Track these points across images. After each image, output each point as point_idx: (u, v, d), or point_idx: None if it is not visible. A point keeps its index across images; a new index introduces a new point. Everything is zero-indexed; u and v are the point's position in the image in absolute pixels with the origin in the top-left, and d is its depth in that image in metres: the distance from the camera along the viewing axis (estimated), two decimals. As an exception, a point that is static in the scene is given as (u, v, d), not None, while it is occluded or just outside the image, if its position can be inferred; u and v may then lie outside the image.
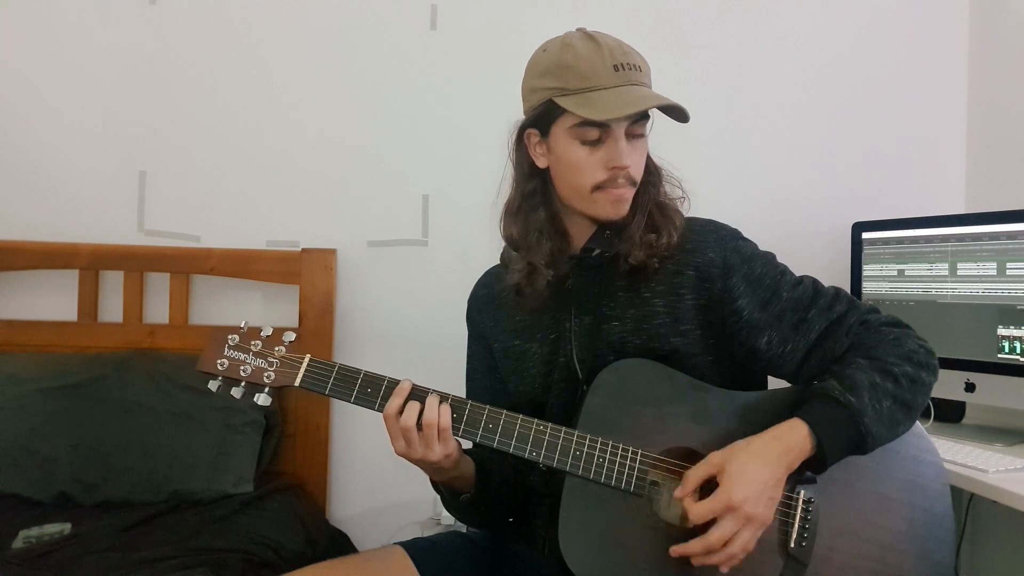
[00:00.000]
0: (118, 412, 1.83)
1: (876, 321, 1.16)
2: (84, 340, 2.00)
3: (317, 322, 2.02)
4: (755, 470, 1.03)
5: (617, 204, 1.17)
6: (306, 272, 2.03)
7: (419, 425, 1.09)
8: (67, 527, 1.59)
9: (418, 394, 1.12)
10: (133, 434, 1.81)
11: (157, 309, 2.06)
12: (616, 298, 1.21)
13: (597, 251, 1.20)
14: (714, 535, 1.02)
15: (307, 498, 1.92)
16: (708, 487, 1.05)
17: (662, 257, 1.18)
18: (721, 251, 1.18)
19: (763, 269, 1.18)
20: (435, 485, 1.23)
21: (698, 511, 1.03)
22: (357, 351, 2.07)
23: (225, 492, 1.79)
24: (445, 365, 1.49)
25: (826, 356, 1.15)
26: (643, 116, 1.16)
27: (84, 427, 1.81)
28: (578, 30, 1.21)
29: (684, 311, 1.17)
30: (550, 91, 1.15)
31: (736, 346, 1.18)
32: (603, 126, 1.13)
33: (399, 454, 1.11)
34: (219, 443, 1.83)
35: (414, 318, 2.06)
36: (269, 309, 2.08)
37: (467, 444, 1.18)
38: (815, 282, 1.20)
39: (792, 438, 1.06)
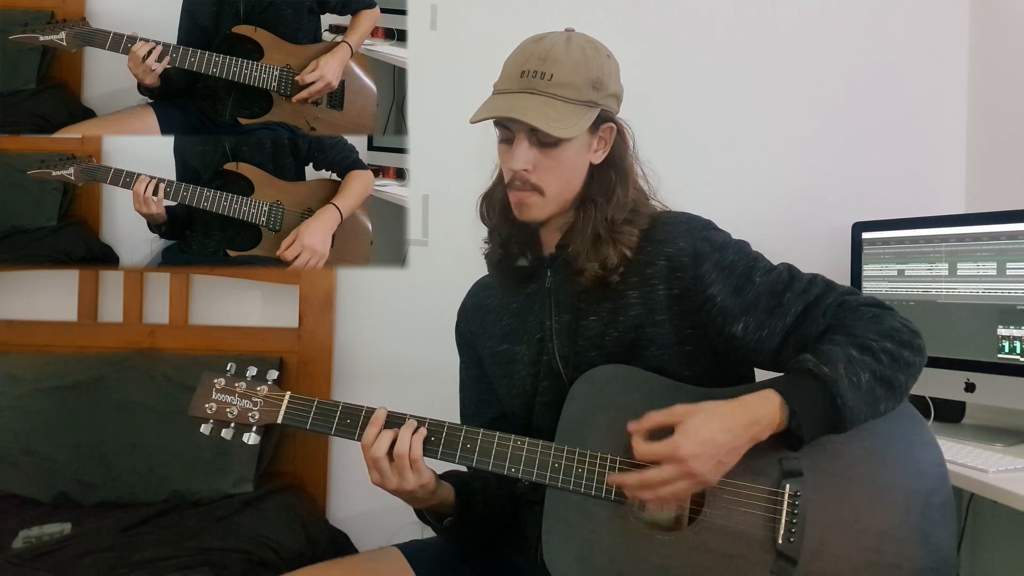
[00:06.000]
0: (118, 412, 1.83)
1: (855, 301, 1.14)
2: (84, 340, 2.00)
3: (317, 322, 2.02)
4: (712, 431, 1.02)
5: (518, 207, 1.20)
6: (306, 272, 2.03)
7: (391, 455, 1.10)
8: (67, 527, 1.59)
9: (393, 422, 1.12)
10: (133, 434, 1.81)
11: (157, 309, 2.06)
12: (592, 294, 1.20)
13: (571, 247, 1.20)
14: (653, 475, 1.02)
15: (307, 498, 1.92)
16: (663, 435, 1.04)
17: (616, 270, 1.17)
18: (691, 240, 1.17)
19: (735, 256, 1.17)
20: (419, 514, 1.23)
21: (642, 450, 1.03)
22: (357, 352, 2.06)
23: (225, 492, 1.79)
24: (445, 365, 1.49)
25: (804, 338, 1.13)
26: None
27: (84, 427, 1.81)
28: (565, 30, 1.22)
29: (657, 301, 1.17)
30: None
31: (713, 335, 1.17)
32: (505, 127, 1.18)
33: (374, 484, 1.12)
34: (219, 443, 1.79)
35: (414, 319, 2.06)
36: (269, 309, 2.08)
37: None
38: (791, 268, 1.18)
39: (761, 408, 1.04)
